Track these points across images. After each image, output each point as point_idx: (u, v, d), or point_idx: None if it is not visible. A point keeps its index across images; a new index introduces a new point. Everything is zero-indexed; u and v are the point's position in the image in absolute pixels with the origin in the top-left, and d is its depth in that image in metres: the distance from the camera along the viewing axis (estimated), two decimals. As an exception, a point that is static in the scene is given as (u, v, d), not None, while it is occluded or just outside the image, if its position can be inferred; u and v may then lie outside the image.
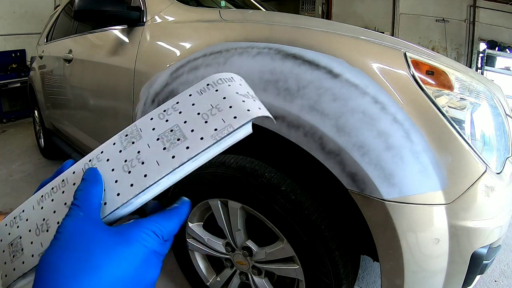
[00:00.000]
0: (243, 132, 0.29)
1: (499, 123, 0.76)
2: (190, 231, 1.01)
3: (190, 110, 0.30)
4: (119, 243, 0.25)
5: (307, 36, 0.76)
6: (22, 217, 0.31)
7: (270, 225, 0.80)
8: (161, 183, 0.28)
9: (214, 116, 0.29)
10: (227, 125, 0.28)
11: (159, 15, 1.11)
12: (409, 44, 0.78)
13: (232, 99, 0.30)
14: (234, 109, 0.29)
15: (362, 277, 1.32)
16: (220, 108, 0.29)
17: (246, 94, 0.31)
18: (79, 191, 0.28)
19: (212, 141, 0.28)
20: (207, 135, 0.28)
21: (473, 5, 5.47)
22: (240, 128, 0.28)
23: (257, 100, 0.32)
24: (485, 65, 5.46)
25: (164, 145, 0.29)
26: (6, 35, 4.41)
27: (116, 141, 0.31)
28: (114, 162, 0.29)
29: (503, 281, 1.31)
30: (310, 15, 4.96)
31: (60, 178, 0.32)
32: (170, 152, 0.28)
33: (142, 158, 0.29)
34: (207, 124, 0.29)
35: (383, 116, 0.63)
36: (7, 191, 2.06)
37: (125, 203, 0.28)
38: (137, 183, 0.28)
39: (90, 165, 0.30)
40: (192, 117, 0.30)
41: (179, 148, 0.28)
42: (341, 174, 0.66)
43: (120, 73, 1.15)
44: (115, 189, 0.28)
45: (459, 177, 0.63)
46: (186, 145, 0.28)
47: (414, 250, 0.64)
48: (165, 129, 0.30)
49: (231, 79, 0.32)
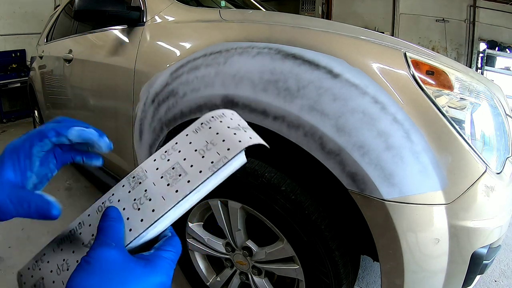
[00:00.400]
0: (238, 162, 0.33)
1: (499, 123, 0.76)
2: (190, 231, 1.01)
3: (188, 148, 0.34)
4: (149, 274, 0.28)
5: (307, 36, 0.76)
6: (43, 260, 0.35)
7: (270, 225, 0.80)
8: (168, 216, 0.31)
9: (210, 150, 0.32)
10: (222, 157, 0.32)
11: (159, 15, 1.11)
12: (409, 44, 0.78)
13: (224, 134, 0.33)
14: (227, 142, 0.33)
15: (362, 277, 1.32)
16: (215, 143, 0.33)
17: (237, 127, 0.35)
18: (104, 226, 0.30)
19: (210, 173, 0.31)
20: (205, 168, 0.31)
21: (473, 5, 5.47)
22: (234, 158, 0.32)
23: (248, 130, 0.36)
24: (485, 65, 5.46)
25: (168, 182, 0.32)
26: (6, 35, 4.41)
27: (125, 183, 0.35)
28: (124, 202, 0.33)
29: (503, 281, 1.31)
30: (310, 15, 4.96)
31: (77, 221, 0.35)
32: (173, 187, 0.32)
33: (149, 195, 0.32)
34: (204, 158, 0.32)
35: (383, 116, 0.63)
36: (7, 191, 2.06)
37: (137, 237, 0.31)
38: (146, 218, 0.31)
39: (103, 207, 0.34)
40: (191, 154, 0.33)
41: (181, 183, 0.31)
42: (341, 174, 0.66)
43: (120, 73, 1.15)
44: (127, 225, 0.31)
45: (459, 177, 0.63)
46: (187, 179, 0.31)
47: (414, 250, 0.64)
48: (168, 167, 0.33)
49: (222, 115, 0.36)
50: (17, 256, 1.41)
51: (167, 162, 0.34)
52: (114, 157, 1.36)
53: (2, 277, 1.28)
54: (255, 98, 0.74)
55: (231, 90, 0.78)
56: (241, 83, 0.77)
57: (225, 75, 0.80)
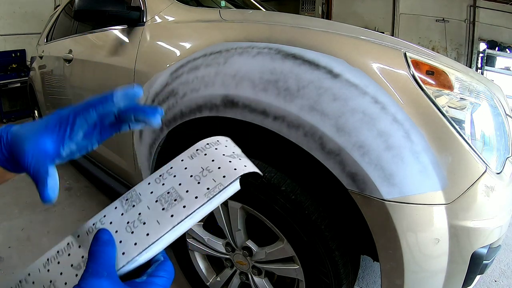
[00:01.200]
0: (232, 189, 0.33)
1: (499, 123, 0.76)
2: (190, 231, 1.01)
3: (184, 173, 0.34)
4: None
5: (307, 36, 0.76)
6: (28, 281, 0.33)
7: (270, 225, 0.80)
8: (163, 240, 0.31)
9: (206, 177, 0.33)
10: (217, 184, 0.32)
11: (159, 15, 1.11)
12: (409, 44, 0.78)
13: (220, 161, 0.34)
14: (222, 169, 0.33)
15: (362, 277, 1.32)
16: (210, 170, 0.33)
17: (232, 155, 0.35)
18: (96, 251, 0.29)
19: (206, 199, 0.31)
20: (201, 194, 0.32)
21: (473, 5, 5.46)
22: (229, 186, 0.32)
23: (243, 158, 0.36)
24: (485, 65, 5.46)
25: (163, 206, 0.32)
26: (6, 35, 4.41)
27: (118, 205, 0.34)
28: (117, 224, 0.32)
29: (503, 281, 1.31)
30: (310, 15, 4.96)
31: (65, 242, 0.34)
32: (168, 212, 0.31)
33: (143, 219, 0.32)
34: (200, 184, 0.32)
35: (383, 116, 0.63)
36: (7, 191, 2.06)
37: (130, 261, 0.30)
38: (140, 242, 0.30)
39: (94, 229, 0.32)
40: (186, 180, 0.33)
41: (176, 208, 0.31)
42: (341, 174, 0.66)
43: (120, 73, 1.15)
44: (120, 249, 0.30)
45: (459, 177, 0.63)
46: (183, 205, 0.31)
47: (414, 250, 0.64)
48: (163, 192, 0.33)
49: (217, 142, 0.36)
50: (17, 256, 1.41)
51: (162, 186, 0.33)
52: (114, 157, 1.36)
53: (2, 277, 1.28)
54: (255, 98, 0.74)
55: (231, 90, 0.78)
56: (241, 83, 0.76)
57: (225, 75, 0.80)
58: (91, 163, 1.74)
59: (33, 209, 1.81)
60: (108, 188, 1.51)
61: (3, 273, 1.30)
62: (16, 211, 1.80)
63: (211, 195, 0.31)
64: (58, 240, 0.35)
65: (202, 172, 0.33)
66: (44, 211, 1.77)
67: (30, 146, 0.30)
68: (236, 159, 0.35)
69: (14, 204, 1.88)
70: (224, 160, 0.34)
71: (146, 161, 1.07)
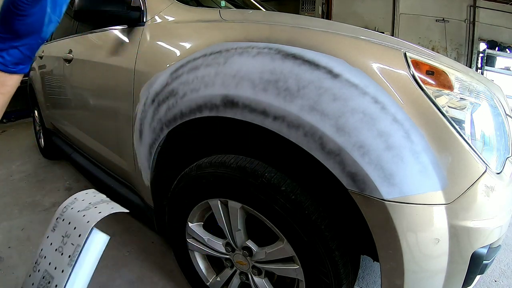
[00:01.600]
0: (98, 242, 0.33)
1: (499, 123, 0.76)
2: (190, 231, 1.01)
3: (50, 250, 0.34)
4: None
5: (307, 36, 0.76)
6: None
7: (270, 225, 0.80)
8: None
9: (66, 244, 0.33)
10: (75, 246, 0.32)
11: (159, 15, 1.11)
12: (409, 44, 0.78)
13: (75, 220, 0.34)
14: (78, 228, 0.33)
15: (362, 277, 1.32)
16: (69, 234, 0.33)
17: (87, 207, 0.35)
18: None
19: (70, 269, 0.31)
20: (65, 266, 0.32)
21: (473, 5, 5.47)
22: (88, 241, 0.32)
23: (100, 204, 0.36)
24: (485, 65, 5.47)
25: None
26: (6, 35, 4.40)
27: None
28: None
29: (503, 281, 1.31)
30: (310, 15, 4.96)
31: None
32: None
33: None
34: (63, 255, 0.33)
35: (383, 116, 0.63)
36: (7, 191, 2.06)
37: None
38: None
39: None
40: (53, 256, 0.33)
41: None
42: (341, 174, 0.66)
43: (120, 73, 1.15)
44: None
45: (459, 177, 0.63)
46: (55, 284, 0.31)
47: (414, 250, 0.64)
48: (39, 278, 0.33)
49: (73, 201, 0.37)
50: (17, 256, 1.41)
51: (38, 272, 0.34)
52: (114, 157, 1.36)
53: (2, 277, 1.28)
54: (255, 98, 0.74)
55: (231, 90, 0.78)
56: (241, 83, 0.77)
57: (225, 75, 0.80)
58: (91, 163, 1.74)
59: (33, 209, 1.81)
60: (108, 188, 1.51)
61: (3, 273, 1.30)
62: (16, 211, 1.80)
63: (73, 261, 0.31)
64: (58, 240, 0.35)
65: (62, 240, 0.33)
66: (44, 211, 1.77)
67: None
68: (91, 209, 0.35)
69: (14, 204, 1.88)
70: (79, 218, 0.34)
71: (146, 161, 1.07)
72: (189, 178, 0.93)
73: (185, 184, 0.95)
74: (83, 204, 0.35)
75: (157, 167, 1.07)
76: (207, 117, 0.85)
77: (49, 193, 2.01)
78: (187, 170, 0.96)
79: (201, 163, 0.91)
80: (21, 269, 1.31)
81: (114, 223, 1.58)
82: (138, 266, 1.35)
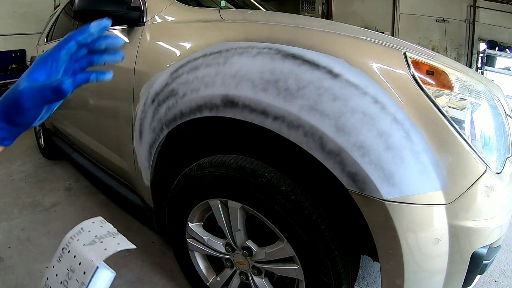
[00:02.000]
0: (104, 278, 0.32)
1: (499, 123, 0.76)
2: (190, 231, 1.01)
3: (56, 281, 0.34)
4: None
5: (307, 36, 0.76)
6: None
7: (270, 225, 0.80)
8: None
9: (71, 279, 0.32)
10: (80, 284, 0.31)
11: (159, 15, 1.11)
12: (409, 44, 0.78)
13: (80, 255, 0.33)
14: (82, 264, 0.32)
15: (362, 277, 1.32)
16: (73, 269, 0.33)
17: (93, 241, 0.35)
18: None
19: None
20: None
21: (473, 5, 5.47)
22: (93, 279, 0.31)
23: (106, 238, 0.35)
24: (485, 65, 5.46)
25: None
26: (6, 35, 4.41)
27: None
28: None
29: (503, 281, 1.31)
30: (310, 15, 4.96)
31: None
32: None
33: None
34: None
35: (383, 116, 0.63)
36: (7, 191, 2.06)
37: None
38: None
39: None
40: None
41: None
42: (341, 174, 0.66)
43: (120, 73, 1.15)
44: None
45: (459, 177, 0.63)
46: None
47: (414, 250, 0.64)
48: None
49: (80, 232, 0.36)
50: (17, 256, 1.41)
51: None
52: (114, 157, 1.36)
53: (2, 277, 1.28)
54: (255, 98, 0.74)
55: (231, 90, 0.78)
56: (241, 83, 0.77)
57: (225, 75, 0.80)
58: (91, 163, 1.73)
59: (33, 209, 1.81)
60: (108, 188, 1.51)
61: (3, 273, 1.30)
62: (16, 211, 1.80)
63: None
64: (58, 240, 0.35)
65: (67, 274, 0.33)
66: (44, 211, 1.77)
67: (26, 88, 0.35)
68: (97, 244, 0.34)
69: (14, 204, 1.88)
70: (84, 253, 0.34)
71: (146, 161, 1.07)
72: (189, 178, 0.93)
73: (185, 184, 0.95)
74: (89, 236, 0.35)
75: (157, 167, 1.07)
76: (207, 117, 0.85)
77: (49, 193, 2.01)
78: (187, 170, 0.96)
79: (201, 163, 0.91)
80: (21, 269, 1.31)
81: (114, 223, 1.56)
82: (138, 266, 1.35)
